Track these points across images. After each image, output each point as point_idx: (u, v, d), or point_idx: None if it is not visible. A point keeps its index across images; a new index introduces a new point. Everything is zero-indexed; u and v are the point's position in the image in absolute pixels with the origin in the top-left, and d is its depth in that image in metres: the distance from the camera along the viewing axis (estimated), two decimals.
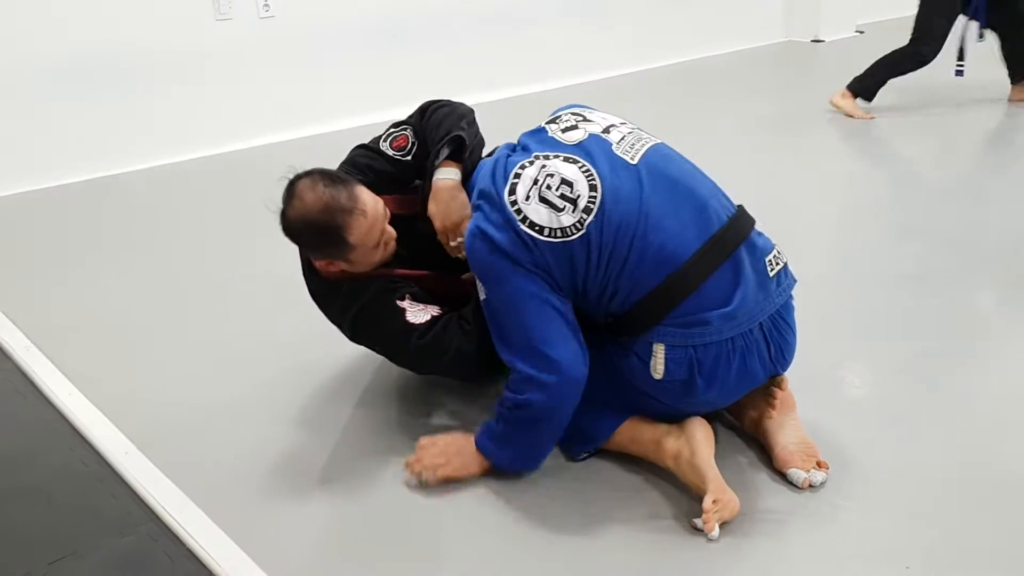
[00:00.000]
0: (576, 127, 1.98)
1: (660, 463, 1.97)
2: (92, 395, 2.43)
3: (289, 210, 2.02)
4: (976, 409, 2.25)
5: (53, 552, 1.86)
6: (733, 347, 1.87)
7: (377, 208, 2.04)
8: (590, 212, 1.83)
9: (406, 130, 2.27)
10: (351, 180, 2.07)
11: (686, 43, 7.15)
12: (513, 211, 1.86)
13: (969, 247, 3.21)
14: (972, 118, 5.10)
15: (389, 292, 2.11)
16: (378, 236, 2.05)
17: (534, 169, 1.89)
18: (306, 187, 2.01)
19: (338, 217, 1.98)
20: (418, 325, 2.06)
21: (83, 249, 3.62)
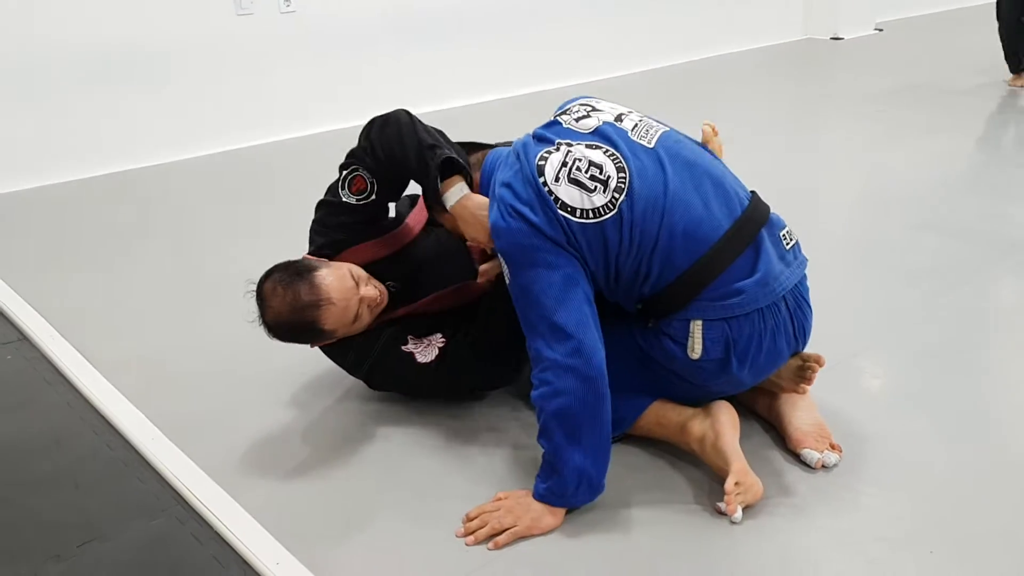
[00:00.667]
0: (588, 116, 1.99)
1: (685, 446, 1.98)
2: (117, 382, 2.46)
3: (265, 317, 2.08)
4: (996, 398, 2.25)
5: (82, 535, 1.88)
6: (764, 325, 1.88)
7: (343, 286, 2.05)
8: (621, 192, 1.84)
9: (358, 170, 2.17)
10: (311, 268, 2.06)
11: (704, 41, 7.16)
12: (547, 192, 1.84)
13: (987, 239, 3.21)
14: (998, 111, 5.08)
15: (393, 341, 2.16)
16: (355, 311, 2.07)
17: (559, 155, 1.89)
18: (270, 293, 2.06)
19: (307, 314, 2.03)
20: (429, 363, 2.13)
21: (107, 241, 3.65)
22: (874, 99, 5.58)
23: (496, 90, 5.88)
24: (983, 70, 6.21)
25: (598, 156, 1.88)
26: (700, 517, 1.84)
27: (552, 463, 1.82)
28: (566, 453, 1.79)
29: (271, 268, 2.11)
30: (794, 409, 2.04)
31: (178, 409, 2.33)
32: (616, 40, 6.59)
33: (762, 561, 1.73)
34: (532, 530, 1.81)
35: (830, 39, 7.71)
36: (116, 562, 1.81)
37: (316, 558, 1.77)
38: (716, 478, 1.91)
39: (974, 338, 2.54)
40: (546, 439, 1.82)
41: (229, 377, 2.49)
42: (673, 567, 1.72)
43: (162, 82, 4.72)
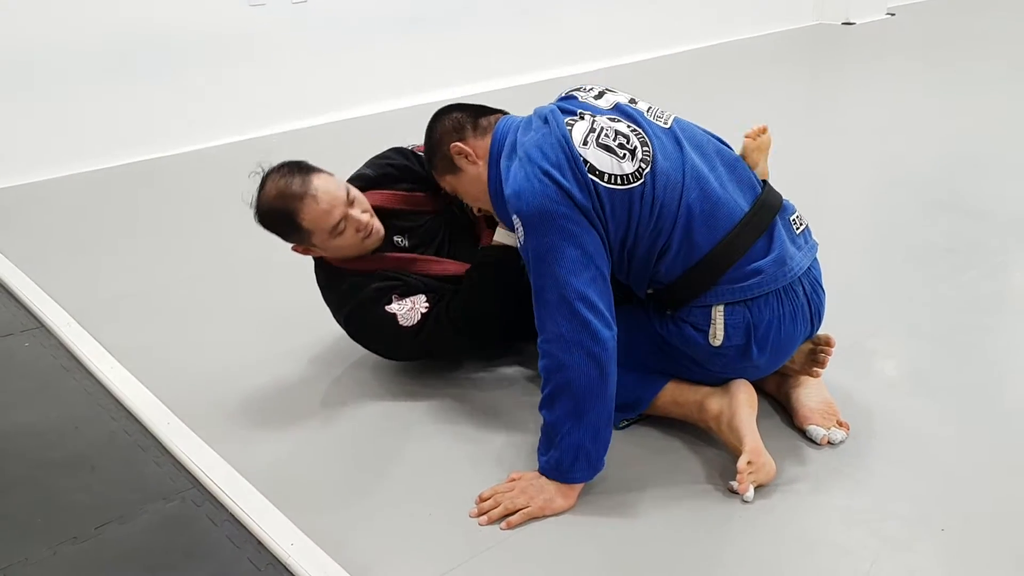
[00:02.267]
0: (603, 95, 2.00)
1: (702, 424, 1.99)
2: (133, 368, 2.48)
3: (257, 199, 2.17)
4: (1008, 378, 2.25)
5: (99, 517, 1.90)
6: (783, 309, 1.89)
7: (334, 192, 2.11)
8: (647, 163, 1.84)
9: None
10: (314, 169, 2.16)
11: (716, 26, 7.13)
12: (577, 154, 1.82)
13: (1002, 220, 3.20)
14: (1013, 93, 5.05)
15: (377, 296, 2.18)
16: (335, 220, 2.11)
17: (585, 123, 1.88)
18: (268, 178, 2.17)
19: (289, 203, 2.10)
20: (411, 328, 2.15)
21: (121, 230, 3.67)
22: (886, 83, 5.55)
23: (505, 78, 5.87)
24: (997, 53, 6.18)
25: (622, 127, 1.89)
26: (713, 497, 1.85)
27: (550, 436, 1.83)
28: (565, 427, 1.79)
29: (283, 161, 2.20)
30: (802, 387, 2.06)
31: (193, 394, 2.35)
32: (625, 27, 6.56)
33: (775, 540, 1.73)
34: (544, 511, 1.82)
35: (842, 24, 7.66)
36: (132, 543, 1.83)
37: (330, 539, 1.78)
38: (729, 458, 1.92)
39: (986, 319, 2.53)
40: (547, 410, 1.82)
41: (242, 362, 2.51)
42: (685, 548, 1.72)
43: (175, 73, 4.72)
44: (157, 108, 4.71)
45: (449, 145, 2.00)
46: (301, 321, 2.68)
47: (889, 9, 7.99)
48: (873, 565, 1.64)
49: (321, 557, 1.73)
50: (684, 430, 2.05)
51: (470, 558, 1.72)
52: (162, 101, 4.71)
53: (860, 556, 1.66)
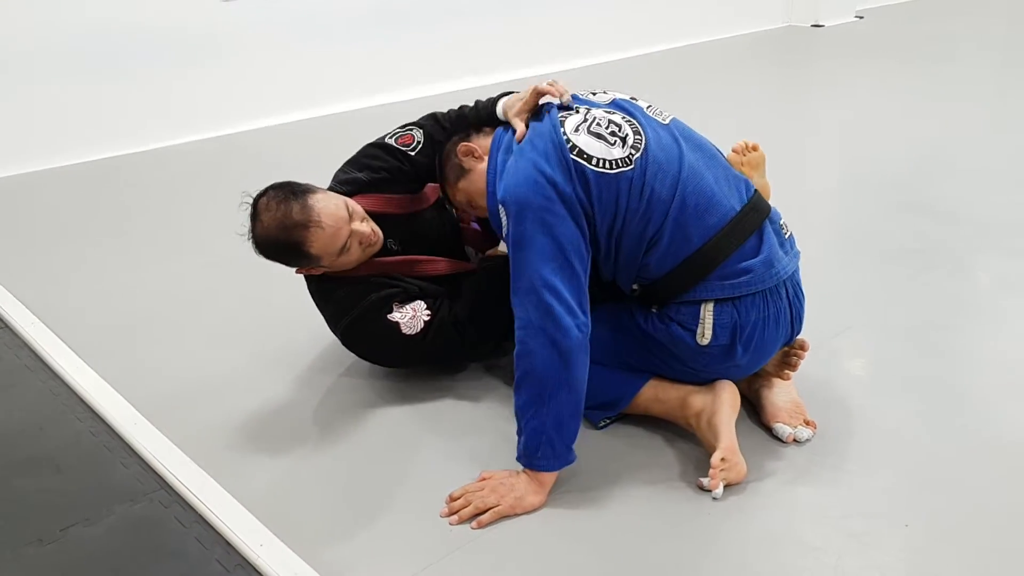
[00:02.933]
0: (605, 92, 2.06)
1: (682, 421, 2.00)
2: (100, 368, 2.45)
3: (253, 232, 2.08)
4: (975, 377, 2.28)
5: (65, 519, 1.88)
6: (767, 310, 1.91)
7: (337, 214, 2.05)
8: (638, 149, 1.88)
9: (412, 129, 2.29)
10: (309, 190, 2.08)
11: (686, 27, 7.17)
12: (564, 139, 1.87)
13: (968, 222, 3.24)
14: (980, 97, 5.13)
15: (378, 306, 2.14)
16: (343, 241, 2.07)
17: (579, 115, 1.94)
18: (263, 207, 2.07)
19: (294, 233, 2.03)
20: (415, 336, 2.13)
21: (87, 229, 3.63)
22: (855, 85, 5.61)
23: (480, 76, 5.86)
24: (964, 57, 6.26)
25: (616, 118, 1.93)
26: (683, 495, 1.86)
27: (518, 420, 1.85)
28: (529, 412, 1.81)
29: (270, 185, 2.12)
30: (771, 386, 2.08)
31: (161, 394, 2.33)
32: (597, 27, 6.58)
33: (743, 537, 1.75)
34: (515, 509, 1.82)
35: (811, 26, 7.73)
36: (99, 545, 1.81)
37: (300, 540, 1.77)
38: (702, 457, 1.93)
39: (952, 318, 2.57)
40: (516, 395, 1.84)
41: (212, 362, 2.49)
42: (654, 544, 1.73)
43: (146, 69, 4.68)
44: (127, 105, 4.66)
45: (457, 147, 2.05)
46: (276, 320, 2.68)
47: (858, 12, 8.08)
48: (839, 561, 1.65)
49: (290, 558, 1.72)
50: (658, 428, 2.06)
51: (442, 558, 1.72)
52: (132, 98, 4.67)
53: (826, 552, 1.68)
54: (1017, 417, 2.08)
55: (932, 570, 1.64)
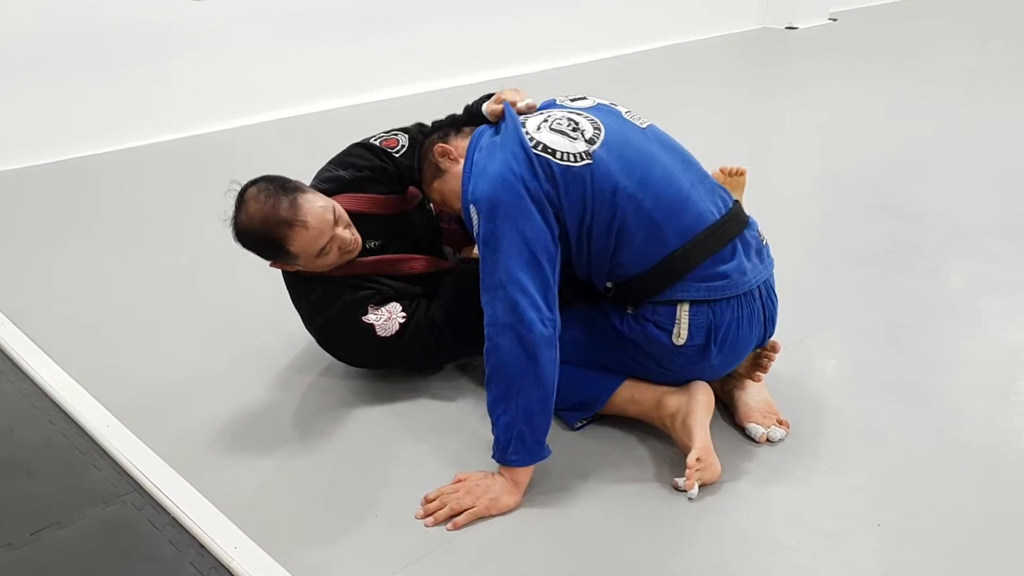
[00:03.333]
0: (585, 97, 2.09)
1: (657, 421, 2.01)
2: (72, 369, 2.43)
3: (236, 219, 2.07)
4: (947, 378, 2.30)
5: (36, 522, 1.86)
6: (742, 312, 1.93)
7: (323, 217, 2.05)
8: (595, 143, 1.90)
9: (397, 134, 2.32)
10: (299, 188, 2.08)
11: (661, 29, 7.20)
12: (527, 137, 1.90)
13: (938, 223, 3.28)
14: (952, 99, 5.18)
15: (353, 308, 2.13)
16: (323, 244, 2.06)
17: (539, 116, 1.98)
18: (251, 197, 2.05)
19: (277, 229, 2.02)
20: (390, 338, 2.12)
21: (57, 229, 3.60)
22: (828, 87, 5.66)
23: (456, 76, 5.86)
24: (937, 59, 6.33)
25: (578, 117, 1.96)
26: (658, 495, 1.87)
27: (490, 416, 1.86)
28: (499, 409, 1.83)
29: (262, 176, 2.10)
30: (744, 386, 2.10)
31: (134, 395, 2.31)
32: (572, 28, 6.59)
33: (717, 536, 1.76)
34: (491, 510, 1.82)
35: (785, 28, 7.79)
36: (71, 549, 1.79)
37: (274, 542, 1.77)
38: (677, 458, 1.95)
39: (923, 319, 2.60)
40: (487, 392, 1.85)
41: (186, 363, 2.47)
42: (629, 545, 1.74)
43: (116, 67, 4.64)
44: (100, 103, 4.63)
45: (434, 147, 2.06)
46: (252, 321, 2.67)
47: (831, 14, 8.14)
48: (812, 561, 1.67)
49: (265, 560, 1.72)
50: (632, 428, 2.07)
51: (417, 559, 1.71)
52: (102, 96, 4.63)
53: (799, 552, 1.69)
54: (988, 417, 2.11)
55: (904, 569, 1.65)
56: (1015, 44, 6.86)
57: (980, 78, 5.93)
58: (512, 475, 1.85)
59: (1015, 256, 2.97)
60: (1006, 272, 2.86)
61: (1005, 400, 2.17)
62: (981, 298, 2.71)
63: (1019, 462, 1.95)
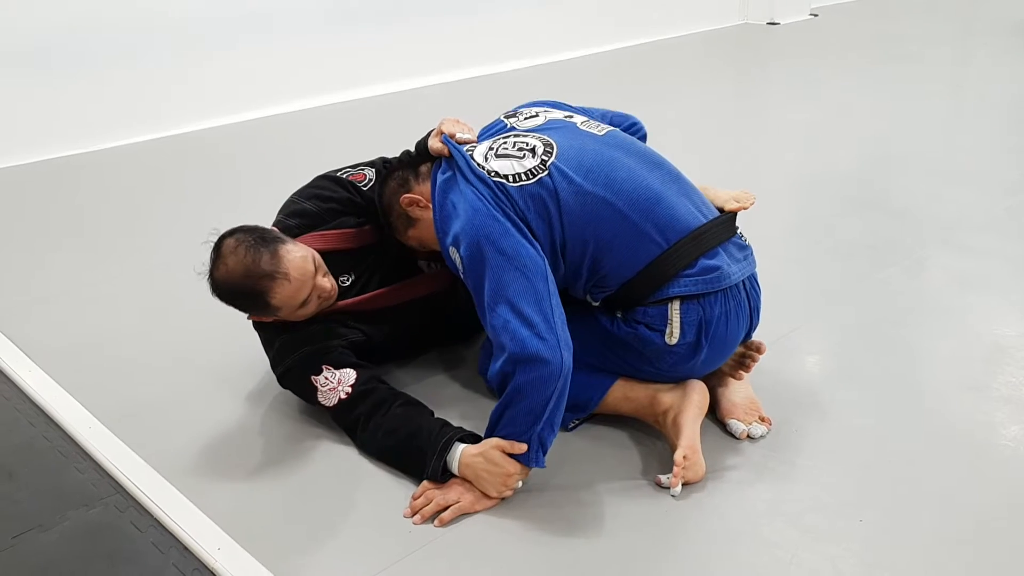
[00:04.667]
0: (536, 115, 2.09)
1: (650, 418, 2.02)
2: (53, 371, 2.41)
3: (215, 272, 2.01)
4: (928, 373, 2.32)
5: (17, 526, 1.85)
6: (728, 305, 1.93)
7: (304, 268, 2.01)
8: (550, 155, 1.91)
9: (364, 169, 2.30)
10: (278, 239, 2.03)
11: (642, 26, 7.21)
12: (480, 169, 1.91)
13: (921, 219, 3.30)
14: (934, 95, 5.21)
15: (306, 364, 2.07)
16: (305, 295, 2.03)
17: (483, 146, 1.99)
18: (230, 250, 2.00)
19: (259, 283, 1.98)
20: (327, 408, 2.05)
21: (39, 230, 3.57)
22: (810, 83, 5.68)
23: (435, 74, 5.85)
24: (918, 56, 6.36)
25: (524, 138, 1.97)
26: (642, 492, 1.87)
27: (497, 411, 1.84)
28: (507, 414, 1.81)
29: (238, 227, 2.06)
30: (727, 383, 2.11)
31: (115, 398, 2.30)
32: (553, 25, 6.60)
33: (700, 533, 1.77)
34: (476, 506, 1.83)
35: (767, 24, 7.81)
36: (53, 552, 1.78)
37: (257, 543, 1.76)
38: (660, 456, 1.96)
39: (905, 314, 2.61)
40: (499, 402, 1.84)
41: (166, 365, 2.46)
42: (613, 542, 1.74)
43: (100, 65, 4.62)
44: (83, 103, 4.60)
45: (399, 199, 2.04)
46: (235, 322, 2.62)
47: (812, 10, 8.17)
48: (794, 556, 1.68)
49: (248, 561, 1.71)
50: (616, 425, 2.07)
51: (403, 557, 1.71)
52: (88, 96, 4.60)
53: (782, 547, 1.70)
54: (969, 412, 2.12)
55: (886, 564, 1.66)
56: (997, 40, 6.90)
57: (960, 73, 5.98)
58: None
59: (997, 251, 3.00)
60: (988, 267, 2.88)
61: (987, 394, 2.19)
62: (963, 293, 2.73)
63: (1001, 457, 1.96)
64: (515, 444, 1.80)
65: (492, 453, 1.82)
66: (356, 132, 4.74)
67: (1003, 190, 3.59)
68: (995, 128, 4.55)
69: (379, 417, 1.99)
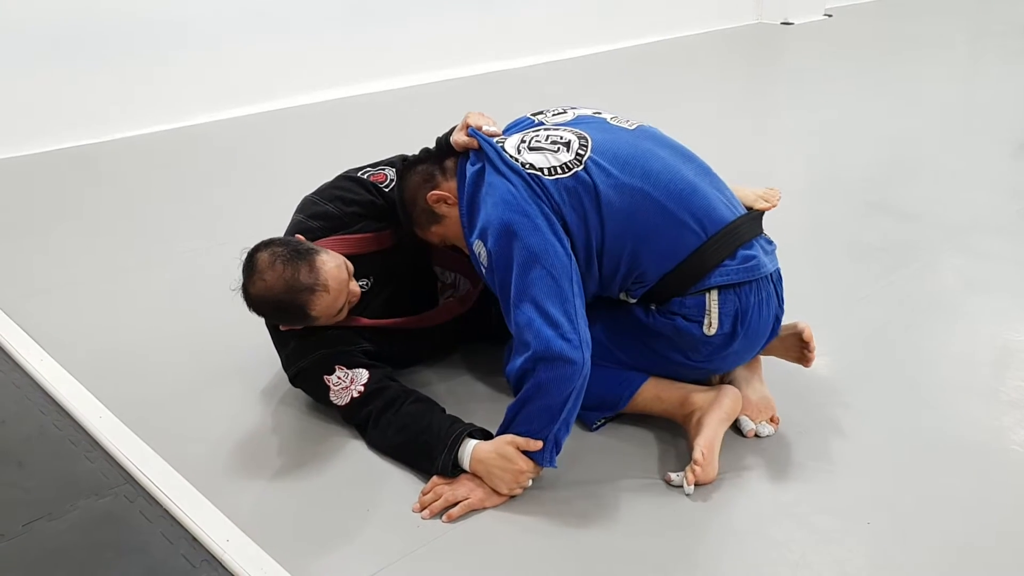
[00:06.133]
0: (564, 112, 2.07)
1: (679, 418, 2.01)
2: (64, 360, 2.42)
3: (251, 287, 2.00)
4: (939, 376, 2.31)
5: (28, 513, 1.86)
6: (761, 295, 1.94)
7: (340, 277, 2.01)
8: (585, 148, 1.89)
9: (384, 168, 2.28)
10: (312, 251, 2.02)
11: (657, 23, 7.19)
12: (513, 161, 1.89)
13: (935, 222, 3.29)
14: (948, 97, 5.19)
15: (321, 364, 2.08)
16: (342, 303, 2.04)
17: (515, 138, 1.96)
18: (266, 264, 1.99)
19: (300, 296, 1.97)
20: (339, 407, 2.06)
21: (49, 218, 3.58)
22: (824, 84, 5.66)
23: (451, 69, 5.85)
24: (932, 57, 6.34)
25: (558, 132, 1.95)
26: (652, 490, 1.88)
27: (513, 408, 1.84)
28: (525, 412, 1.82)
29: (267, 240, 2.05)
30: (745, 382, 2.10)
31: (126, 387, 2.31)
32: (569, 22, 6.59)
33: (707, 532, 1.77)
34: (485, 502, 1.83)
35: (781, 24, 7.79)
36: (62, 541, 1.79)
37: (266, 534, 1.77)
38: (670, 454, 1.97)
39: (916, 317, 2.61)
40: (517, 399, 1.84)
41: (178, 356, 2.47)
42: (622, 540, 1.75)
43: (118, 56, 4.63)
44: (91, 93, 4.61)
45: (426, 196, 2.01)
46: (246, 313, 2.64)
47: (827, 10, 8.15)
48: (802, 557, 1.68)
49: (257, 553, 1.72)
50: (628, 424, 2.07)
51: (411, 551, 1.72)
52: (97, 86, 4.61)
53: (789, 548, 1.70)
54: (980, 416, 2.12)
55: (893, 567, 1.66)
56: (1011, 41, 6.87)
57: (975, 75, 5.95)
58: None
59: (1009, 255, 2.99)
60: (1000, 271, 2.87)
61: (996, 398, 2.18)
62: (974, 296, 2.72)
63: (1010, 461, 1.96)
64: (530, 441, 1.80)
65: (506, 449, 1.82)
66: (371, 126, 4.74)
67: (1014, 193, 3.58)
68: (1008, 130, 4.52)
69: (390, 414, 2.00)
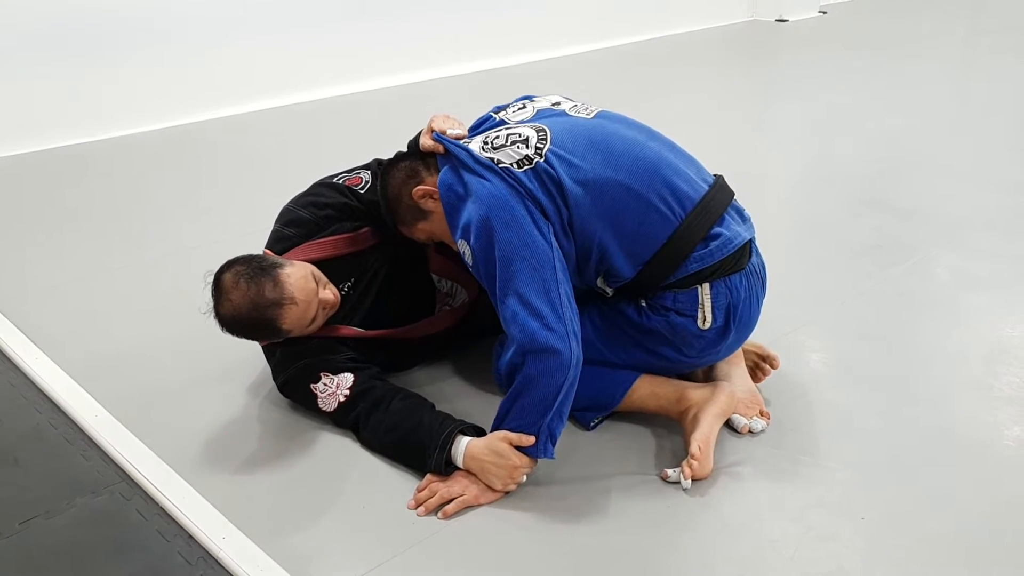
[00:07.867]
0: (524, 108, 2.08)
1: (675, 414, 2.02)
2: (60, 359, 2.42)
3: (220, 310, 2.01)
4: (932, 372, 2.32)
5: (24, 512, 1.86)
6: (751, 286, 1.95)
7: (307, 287, 2.01)
8: (544, 142, 1.90)
9: (360, 172, 2.28)
10: (276, 265, 2.02)
11: (652, 21, 7.20)
12: (483, 157, 1.90)
13: (928, 218, 3.30)
14: (941, 93, 5.20)
15: (306, 372, 2.09)
16: (313, 313, 2.04)
17: (477, 140, 1.97)
18: (231, 285, 1.99)
19: (267, 312, 1.98)
20: (328, 413, 2.07)
21: (45, 218, 3.58)
22: (818, 81, 5.67)
23: (444, 66, 5.85)
24: (926, 54, 6.35)
25: (516, 130, 1.95)
26: (646, 487, 1.88)
27: (505, 403, 1.85)
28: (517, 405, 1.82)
29: (231, 260, 2.05)
30: (728, 378, 2.11)
31: (122, 386, 2.31)
32: (561, 19, 6.59)
33: (702, 529, 1.77)
34: (480, 499, 1.84)
35: (775, 21, 7.80)
36: (59, 539, 1.79)
37: (262, 531, 1.77)
38: (671, 451, 1.97)
39: (910, 313, 2.62)
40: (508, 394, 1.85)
41: (173, 354, 2.47)
42: (615, 536, 1.75)
43: (110, 54, 4.62)
44: (83, 92, 4.61)
45: (411, 192, 2.01)
46: None
47: (821, 7, 8.16)
48: (796, 553, 1.68)
49: (253, 550, 1.72)
50: (623, 420, 2.08)
51: (406, 548, 1.72)
52: (88, 85, 4.61)
53: (783, 544, 1.71)
54: (972, 412, 2.13)
55: (887, 562, 1.67)
56: (1005, 39, 6.89)
57: (970, 72, 5.96)
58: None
59: (1002, 251, 3.00)
60: (993, 267, 2.88)
61: (990, 395, 2.19)
62: (968, 293, 2.73)
63: (1003, 457, 1.97)
64: (523, 437, 1.81)
65: (499, 445, 1.82)
66: (364, 124, 4.74)
67: (1009, 189, 3.59)
68: (1003, 127, 4.54)
69: (380, 414, 2.00)
